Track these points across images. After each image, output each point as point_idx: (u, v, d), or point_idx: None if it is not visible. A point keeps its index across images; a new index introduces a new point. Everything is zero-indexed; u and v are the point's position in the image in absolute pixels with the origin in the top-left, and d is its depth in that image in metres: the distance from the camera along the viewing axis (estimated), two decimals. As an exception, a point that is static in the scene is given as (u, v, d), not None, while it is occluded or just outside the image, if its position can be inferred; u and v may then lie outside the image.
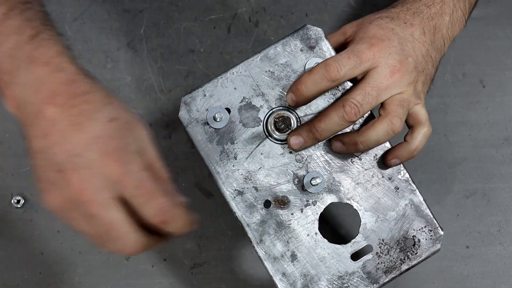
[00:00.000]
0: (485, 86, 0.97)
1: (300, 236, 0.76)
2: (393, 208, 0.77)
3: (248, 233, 0.76)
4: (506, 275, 0.94)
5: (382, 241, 0.77)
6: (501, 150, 0.96)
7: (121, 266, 0.92)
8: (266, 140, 0.77)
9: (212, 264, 0.93)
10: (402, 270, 0.77)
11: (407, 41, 0.76)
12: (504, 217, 0.95)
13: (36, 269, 0.92)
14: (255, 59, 0.76)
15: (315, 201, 0.76)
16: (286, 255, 0.76)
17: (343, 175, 0.77)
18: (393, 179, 0.77)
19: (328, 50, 0.77)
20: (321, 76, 0.73)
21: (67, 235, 0.92)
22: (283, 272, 0.76)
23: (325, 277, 0.76)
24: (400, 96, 0.75)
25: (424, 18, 0.78)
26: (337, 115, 0.73)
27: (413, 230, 0.77)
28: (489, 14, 0.98)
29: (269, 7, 0.97)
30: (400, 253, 0.77)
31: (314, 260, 0.76)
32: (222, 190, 0.76)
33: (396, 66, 0.74)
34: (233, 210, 0.76)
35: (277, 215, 0.76)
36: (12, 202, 0.92)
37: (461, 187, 0.95)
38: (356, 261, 0.76)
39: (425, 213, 0.77)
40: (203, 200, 0.93)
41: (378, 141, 0.74)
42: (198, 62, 0.95)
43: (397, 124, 0.74)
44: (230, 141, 0.76)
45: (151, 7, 0.95)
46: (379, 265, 0.76)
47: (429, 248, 0.77)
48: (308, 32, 0.77)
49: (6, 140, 0.93)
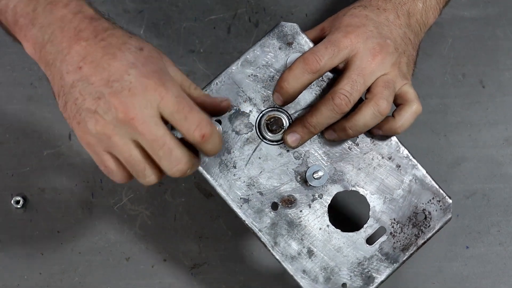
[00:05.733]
0: (485, 87, 0.97)
1: (312, 231, 0.76)
2: (399, 186, 0.77)
3: (261, 238, 0.76)
4: (506, 275, 0.94)
5: (394, 220, 0.77)
6: (501, 151, 0.96)
7: (121, 266, 0.92)
8: (262, 144, 0.76)
9: (212, 264, 0.92)
10: (419, 244, 0.77)
11: (383, 24, 0.76)
12: (504, 217, 0.95)
13: (36, 269, 0.92)
14: (235, 66, 0.76)
15: (321, 194, 0.77)
16: (302, 252, 0.76)
17: (343, 164, 0.77)
18: (393, 158, 0.77)
19: (307, 43, 0.77)
20: (302, 70, 0.73)
21: (67, 235, 0.92)
22: (303, 270, 0.76)
23: (345, 266, 0.76)
24: (385, 77, 0.75)
25: (396, 3, 0.78)
26: (328, 109, 0.73)
27: (422, 204, 0.77)
28: (489, 15, 0.98)
29: (269, 7, 0.97)
30: (413, 228, 0.77)
31: (331, 252, 0.76)
32: (228, 201, 0.76)
33: (376, 49, 0.74)
34: (242, 219, 0.76)
35: (286, 215, 0.76)
36: (12, 202, 0.92)
37: (461, 187, 0.94)
38: (372, 245, 0.77)
39: (431, 185, 0.78)
40: (203, 200, 0.93)
41: (366, 125, 0.74)
42: (198, 62, 0.95)
43: (383, 105, 0.73)
44: (227, 151, 0.76)
45: (151, 7, 0.95)
46: (395, 244, 0.77)
47: (441, 218, 0.77)
48: (283, 29, 0.77)
49: (6, 140, 0.93)
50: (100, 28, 0.66)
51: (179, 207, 0.93)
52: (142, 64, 0.64)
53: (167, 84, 0.64)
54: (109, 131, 0.63)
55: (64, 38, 0.65)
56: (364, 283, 0.76)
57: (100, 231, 0.92)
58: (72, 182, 0.93)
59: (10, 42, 0.93)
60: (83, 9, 0.67)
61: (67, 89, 0.64)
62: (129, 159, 0.65)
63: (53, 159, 0.93)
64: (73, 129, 0.65)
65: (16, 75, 0.94)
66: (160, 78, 0.64)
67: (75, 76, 0.64)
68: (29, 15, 0.66)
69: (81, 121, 0.64)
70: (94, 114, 0.63)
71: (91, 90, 0.63)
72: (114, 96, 0.63)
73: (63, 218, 0.92)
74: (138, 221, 0.93)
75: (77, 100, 0.64)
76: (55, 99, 0.66)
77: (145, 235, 0.92)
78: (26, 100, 0.93)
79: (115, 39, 0.65)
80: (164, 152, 0.64)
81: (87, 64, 0.64)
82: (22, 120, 0.93)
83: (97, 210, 0.93)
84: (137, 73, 0.64)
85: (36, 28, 0.66)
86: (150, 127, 0.63)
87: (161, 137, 0.64)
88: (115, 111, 0.63)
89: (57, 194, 0.92)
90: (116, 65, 0.64)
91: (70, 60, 0.64)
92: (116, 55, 0.64)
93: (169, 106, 0.64)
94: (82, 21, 0.66)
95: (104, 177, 0.91)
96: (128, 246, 0.92)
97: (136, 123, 0.63)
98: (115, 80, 0.63)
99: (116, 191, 0.93)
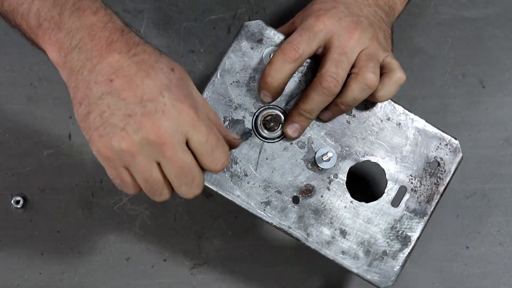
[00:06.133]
0: (485, 87, 0.97)
1: (339, 211, 0.77)
2: (405, 143, 0.78)
3: (294, 234, 0.76)
4: (506, 275, 0.94)
5: (411, 176, 0.78)
6: (501, 151, 0.96)
7: (121, 266, 0.92)
8: (264, 144, 0.77)
9: (212, 264, 0.92)
10: (441, 191, 0.79)
11: (352, 5, 0.77)
12: (504, 218, 0.95)
13: (36, 269, 0.92)
14: (215, 78, 0.76)
15: (335, 174, 0.77)
16: (336, 234, 0.77)
17: (347, 138, 0.78)
18: (391, 118, 0.78)
19: (276, 35, 0.77)
20: (282, 61, 0.73)
21: (67, 235, 0.92)
22: (341, 251, 0.77)
23: (380, 235, 0.78)
24: (367, 51, 0.75)
25: None
26: (318, 94, 0.74)
27: (432, 152, 0.79)
28: (489, 15, 0.98)
29: (269, 7, 0.97)
30: (431, 178, 0.79)
31: (362, 225, 0.77)
32: (251, 210, 0.76)
33: (352, 26, 0.74)
34: (269, 222, 0.76)
35: (309, 204, 0.77)
36: (12, 202, 0.92)
37: (461, 187, 0.94)
38: (398, 206, 0.78)
39: (434, 132, 0.79)
40: (203, 200, 0.93)
41: (355, 99, 0.74)
42: (198, 62, 0.95)
43: (370, 77, 0.73)
44: (233, 162, 0.76)
45: (151, 7, 0.95)
46: (419, 198, 0.78)
47: (454, 160, 0.79)
48: (249, 29, 0.77)
49: (6, 140, 0.93)
50: (132, 41, 0.65)
51: (179, 207, 0.93)
52: (175, 86, 0.64)
53: (199, 112, 0.65)
54: (135, 150, 0.63)
55: (95, 47, 0.64)
56: (402, 244, 0.78)
57: (100, 231, 0.92)
58: (72, 182, 0.93)
59: (10, 42, 0.94)
60: (112, 19, 0.66)
61: (93, 99, 0.63)
62: (149, 179, 0.65)
63: (53, 159, 0.93)
64: (89, 140, 0.64)
65: (16, 75, 0.94)
66: (192, 103, 0.64)
67: (105, 88, 0.63)
68: (55, 19, 0.65)
69: (105, 135, 0.63)
70: (121, 131, 0.63)
71: (121, 105, 0.63)
72: (146, 117, 0.62)
73: (63, 218, 0.92)
74: (138, 221, 0.93)
75: (104, 114, 0.63)
76: (55, 99, 0.66)
77: (145, 235, 0.92)
78: (26, 100, 0.93)
79: (147, 55, 0.65)
80: (187, 179, 0.65)
81: (120, 78, 0.63)
82: (22, 120, 0.93)
83: (97, 210, 0.93)
84: (171, 96, 0.63)
85: (63, 32, 0.65)
86: (179, 153, 0.64)
87: (188, 164, 0.65)
88: (145, 132, 0.62)
89: (57, 194, 0.92)
90: (150, 84, 0.63)
91: (101, 70, 0.63)
92: (150, 73, 0.63)
93: (199, 136, 0.64)
94: (113, 32, 0.65)
95: (104, 177, 0.91)
96: (128, 246, 0.92)
97: (166, 148, 0.63)
98: (148, 100, 0.63)
99: (116, 191, 0.92)
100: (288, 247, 0.92)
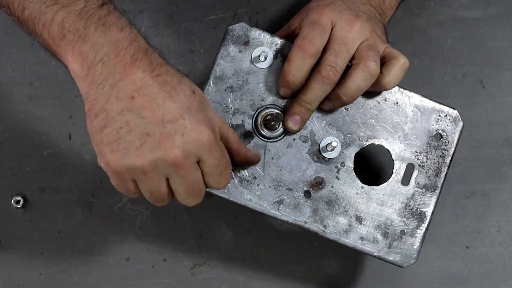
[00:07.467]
0: (485, 87, 0.97)
1: (351, 199, 0.78)
2: (405, 120, 0.79)
3: (311, 228, 0.77)
4: (506, 275, 0.94)
5: (416, 152, 0.79)
6: (501, 151, 0.96)
7: (121, 266, 0.92)
8: (268, 144, 0.77)
9: (212, 264, 0.92)
10: (447, 163, 0.79)
11: (349, 1, 0.77)
12: (504, 218, 0.95)
13: (36, 269, 0.92)
14: (209, 87, 0.76)
15: (342, 163, 0.78)
16: (352, 222, 0.78)
17: (348, 125, 0.78)
18: (388, 98, 0.79)
19: (262, 34, 0.77)
20: (302, 58, 0.74)
21: (67, 235, 0.92)
22: (360, 237, 0.78)
23: (395, 215, 0.78)
24: (367, 42, 0.75)
25: None
26: (317, 82, 0.74)
27: (433, 125, 0.79)
28: (489, 15, 0.98)
29: (269, 8, 0.97)
30: (436, 151, 0.79)
31: (376, 209, 0.78)
32: (265, 211, 0.76)
33: (352, 18, 0.75)
34: (284, 220, 0.77)
35: (321, 196, 0.77)
36: (12, 202, 0.92)
37: (461, 187, 0.95)
38: (408, 184, 0.79)
39: (431, 105, 0.79)
40: (203, 200, 0.93)
41: (359, 88, 0.75)
42: (198, 62, 0.95)
43: (372, 66, 0.74)
44: (240, 167, 0.76)
45: (151, 7, 0.95)
46: (427, 173, 0.79)
47: (455, 129, 0.80)
48: (234, 33, 0.77)
49: (6, 140, 0.93)
50: (155, 62, 0.66)
51: (179, 207, 0.93)
52: (195, 109, 0.65)
53: (216, 136, 0.66)
54: (148, 168, 0.64)
55: (119, 63, 0.64)
56: (418, 220, 0.78)
57: (100, 231, 0.92)
58: (72, 182, 0.93)
59: (10, 42, 0.94)
60: (137, 38, 0.66)
61: (112, 114, 0.64)
62: (156, 192, 0.67)
63: (53, 159, 0.93)
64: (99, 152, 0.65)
65: (16, 75, 0.94)
66: (212, 128, 0.66)
67: (126, 104, 0.64)
68: (79, 32, 0.65)
69: (117, 151, 0.64)
70: (137, 149, 0.63)
71: (140, 123, 0.63)
72: (166, 138, 0.63)
73: (63, 218, 0.92)
74: (138, 221, 0.93)
75: (121, 130, 0.63)
76: (55, 99, 0.66)
77: (145, 235, 0.92)
78: (26, 100, 0.93)
79: (170, 77, 0.65)
80: (195, 194, 0.67)
81: (142, 96, 0.64)
82: (22, 120, 0.93)
83: (97, 210, 0.93)
84: (192, 120, 0.64)
85: (87, 45, 0.65)
86: (192, 173, 0.65)
87: (198, 182, 0.67)
88: (163, 153, 0.63)
89: (57, 194, 0.92)
90: (172, 106, 0.64)
91: (123, 87, 0.64)
92: (172, 95, 0.64)
93: (211, 159, 0.66)
94: (138, 51, 0.65)
95: (104, 177, 0.91)
96: (128, 246, 0.92)
97: (181, 169, 0.64)
98: (169, 122, 0.63)
99: (116, 191, 0.92)
100: (288, 247, 0.92)
